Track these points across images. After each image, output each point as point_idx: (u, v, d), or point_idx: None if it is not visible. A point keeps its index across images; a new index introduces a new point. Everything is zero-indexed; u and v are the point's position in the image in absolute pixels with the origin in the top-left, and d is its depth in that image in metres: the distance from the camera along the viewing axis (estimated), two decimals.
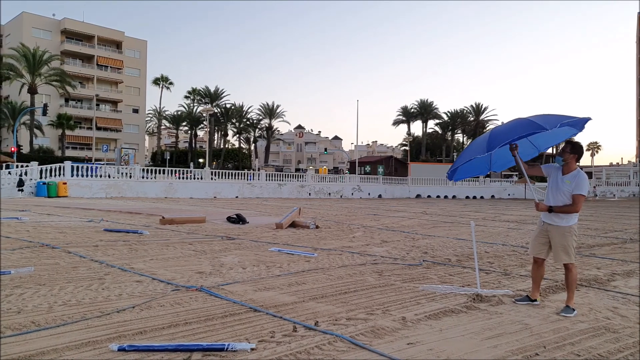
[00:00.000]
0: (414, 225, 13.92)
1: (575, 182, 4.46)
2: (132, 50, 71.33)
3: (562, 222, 4.57)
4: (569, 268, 4.65)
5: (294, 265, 6.72)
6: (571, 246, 4.59)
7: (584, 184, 4.44)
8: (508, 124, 4.74)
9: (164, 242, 8.76)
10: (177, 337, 3.68)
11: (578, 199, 4.42)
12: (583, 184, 4.43)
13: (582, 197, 4.40)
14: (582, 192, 4.42)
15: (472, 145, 5.04)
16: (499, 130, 4.73)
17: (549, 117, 4.39)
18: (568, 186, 4.49)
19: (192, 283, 5.48)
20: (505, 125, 4.78)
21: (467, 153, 4.96)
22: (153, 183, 29.87)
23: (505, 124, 4.90)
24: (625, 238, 11.30)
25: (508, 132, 4.51)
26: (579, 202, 4.43)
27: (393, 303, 4.82)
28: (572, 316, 4.46)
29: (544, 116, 4.46)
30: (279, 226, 11.26)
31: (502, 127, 4.83)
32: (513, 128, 4.53)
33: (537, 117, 4.49)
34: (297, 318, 4.23)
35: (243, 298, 4.86)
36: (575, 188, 4.43)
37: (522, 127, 4.46)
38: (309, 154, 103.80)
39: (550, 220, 4.64)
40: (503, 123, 5.17)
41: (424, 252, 8.43)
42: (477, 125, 79.76)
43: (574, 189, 4.44)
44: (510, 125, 4.64)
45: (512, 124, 4.64)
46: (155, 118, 76.96)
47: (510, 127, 4.59)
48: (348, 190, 40.30)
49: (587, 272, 6.72)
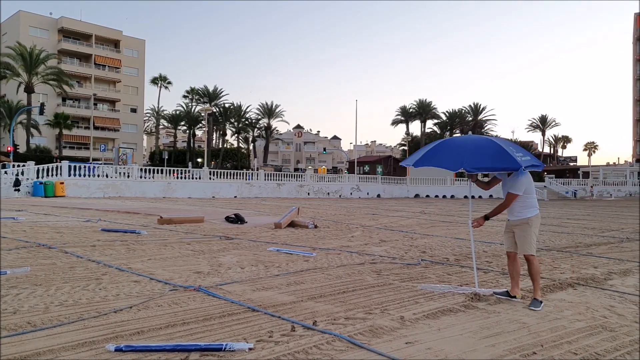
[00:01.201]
0: (413, 224, 13.93)
1: (513, 181, 4.80)
2: (130, 49, 71.23)
3: (521, 216, 4.87)
4: (530, 260, 4.86)
5: (293, 265, 6.72)
6: (531, 238, 4.83)
7: (519, 185, 4.75)
8: (489, 149, 4.83)
9: (162, 242, 8.75)
10: (175, 337, 3.67)
11: (508, 196, 4.80)
12: (518, 184, 4.75)
13: (514, 195, 4.76)
14: (514, 191, 4.77)
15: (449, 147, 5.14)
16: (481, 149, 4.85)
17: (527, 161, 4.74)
18: (509, 186, 4.84)
19: (190, 283, 5.47)
20: (486, 147, 4.87)
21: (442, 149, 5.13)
22: (151, 183, 29.82)
23: (486, 142, 4.97)
24: (622, 237, 11.32)
25: (486, 158, 4.73)
26: (507, 200, 4.81)
27: (391, 302, 4.82)
28: (539, 310, 4.59)
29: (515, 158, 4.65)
30: (278, 226, 11.26)
31: (485, 146, 4.89)
32: (494, 157, 4.71)
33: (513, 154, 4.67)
34: (296, 318, 4.23)
35: (241, 298, 4.86)
36: (511, 187, 4.80)
37: (500, 159, 4.66)
38: (308, 154, 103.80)
39: (510, 216, 4.96)
40: (488, 137, 5.24)
41: (422, 251, 8.44)
42: (475, 125, 79.77)
43: (509, 187, 4.81)
44: (490, 153, 4.77)
45: (494, 152, 4.76)
46: (154, 117, 76.77)
47: (490, 154, 4.75)
48: (347, 189, 40.32)
49: (585, 271, 6.72)
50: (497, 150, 4.74)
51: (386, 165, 70.12)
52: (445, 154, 5.07)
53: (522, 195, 4.82)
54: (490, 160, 4.70)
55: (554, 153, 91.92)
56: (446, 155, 5.03)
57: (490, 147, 4.82)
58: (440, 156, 5.06)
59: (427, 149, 5.25)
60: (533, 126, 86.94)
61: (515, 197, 4.80)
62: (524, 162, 4.63)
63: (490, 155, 4.73)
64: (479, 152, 4.80)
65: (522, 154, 4.84)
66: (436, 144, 5.27)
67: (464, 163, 4.72)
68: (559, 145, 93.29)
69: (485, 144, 4.90)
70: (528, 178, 4.85)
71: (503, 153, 4.68)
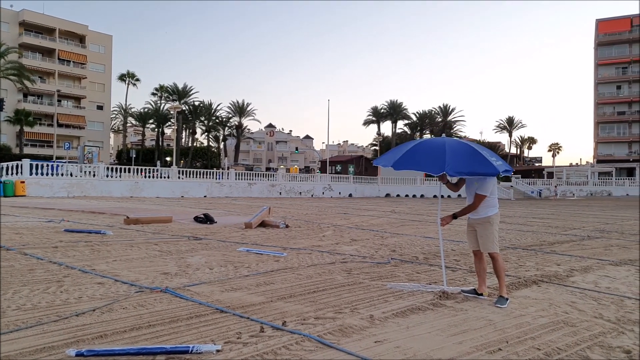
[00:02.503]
0: (383, 223, 14.05)
1: (481, 183, 4.93)
2: (97, 45, 69.28)
3: (483, 214, 5.00)
4: (494, 257, 4.98)
5: (263, 265, 6.66)
6: (493, 235, 4.96)
7: (487, 186, 4.88)
8: (467, 153, 4.88)
9: (128, 242, 8.53)
10: (140, 340, 3.57)
11: (477, 197, 4.94)
12: (486, 186, 4.89)
13: (482, 196, 4.90)
14: (483, 192, 4.91)
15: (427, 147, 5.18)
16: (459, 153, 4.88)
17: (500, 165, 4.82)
18: (475, 187, 4.97)
19: (156, 284, 5.35)
20: (465, 151, 4.91)
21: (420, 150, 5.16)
22: (118, 182, 29.11)
23: (464, 147, 5.02)
24: (583, 235, 11.71)
25: (467, 162, 4.77)
26: (477, 201, 4.94)
27: (361, 301, 4.83)
28: (505, 307, 4.69)
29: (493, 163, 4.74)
30: (248, 226, 11.15)
31: (463, 151, 4.93)
32: (473, 161, 4.76)
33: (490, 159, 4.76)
34: (265, 318, 4.18)
35: (209, 299, 4.78)
36: (479, 189, 4.93)
37: (479, 164, 4.72)
38: (280, 153, 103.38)
39: (473, 214, 5.08)
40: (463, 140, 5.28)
41: (392, 250, 8.51)
42: (445, 126, 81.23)
43: (477, 189, 4.94)
44: (469, 157, 4.82)
45: (473, 156, 4.81)
46: (121, 115, 74.97)
47: (470, 159, 4.80)
48: (319, 189, 40.37)
49: (548, 269, 6.91)
50: (475, 155, 4.80)
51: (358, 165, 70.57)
52: (424, 157, 5.07)
53: (488, 196, 4.96)
54: (470, 165, 4.75)
55: (520, 154, 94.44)
56: (426, 158, 5.03)
57: (468, 152, 4.87)
58: (419, 159, 5.07)
59: (404, 150, 5.21)
60: (500, 127, 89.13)
61: (484, 198, 4.93)
62: (499, 167, 4.72)
63: (469, 159, 4.78)
64: (459, 156, 4.83)
65: (495, 158, 4.91)
66: (413, 145, 5.26)
67: (446, 167, 4.73)
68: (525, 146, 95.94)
69: (463, 148, 4.94)
70: (494, 180, 4.99)
71: (480, 157, 4.74)
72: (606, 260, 7.74)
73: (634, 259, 7.98)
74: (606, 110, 69.31)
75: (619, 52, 68.45)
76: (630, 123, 67.42)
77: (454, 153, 4.86)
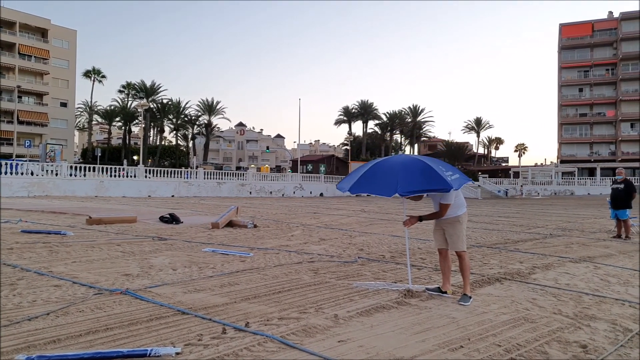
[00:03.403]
0: (352, 223, 14.10)
1: (442, 194, 5.00)
2: (60, 40, 67.05)
3: (452, 214, 5.09)
4: (461, 256, 5.07)
5: (228, 266, 6.56)
6: (461, 234, 5.08)
7: (449, 195, 4.96)
8: (419, 170, 4.95)
9: (90, 243, 8.27)
10: (96, 344, 3.45)
11: (442, 207, 5.05)
12: (447, 194, 4.96)
13: (447, 205, 5.01)
14: (446, 201, 5.02)
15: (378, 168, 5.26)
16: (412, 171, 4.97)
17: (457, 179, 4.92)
18: (439, 198, 5.07)
19: (117, 286, 5.19)
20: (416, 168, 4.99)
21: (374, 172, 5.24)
22: (82, 181, 28.26)
23: (416, 163, 5.08)
24: (546, 234, 12.04)
25: (417, 180, 4.86)
26: (442, 210, 5.05)
27: (327, 301, 4.81)
28: (468, 304, 4.76)
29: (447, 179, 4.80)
30: (215, 226, 10.97)
31: (416, 168, 5.00)
32: (425, 178, 4.83)
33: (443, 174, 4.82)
34: (228, 319, 4.11)
35: (171, 300, 4.66)
36: (442, 198, 5.01)
37: (431, 180, 4.79)
38: (251, 152, 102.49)
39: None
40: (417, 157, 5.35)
41: (360, 249, 8.53)
42: (415, 127, 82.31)
43: (441, 199, 5.02)
44: (420, 174, 4.89)
45: (424, 173, 4.87)
46: (86, 113, 72.84)
47: (421, 176, 4.87)
48: (290, 188, 40.23)
49: (511, 266, 7.06)
50: (427, 171, 4.86)
51: (329, 164, 70.73)
52: (378, 179, 5.14)
53: (452, 202, 5.05)
54: (421, 183, 4.82)
55: (487, 154, 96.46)
56: (379, 181, 5.11)
57: (420, 168, 4.94)
58: (374, 181, 5.15)
59: (361, 173, 5.31)
60: (469, 128, 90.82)
61: (449, 206, 5.03)
62: (454, 182, 4.77)
63: (421, 177, 4.85)
64: (410, 174, 4.92)
65: (451, 172, 5.00)
66: (369, 167, 5.33)
67: (398, 187, 4.84)
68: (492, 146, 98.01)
69: (415, 165, 5.02)
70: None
71: (433, 174, 4.80)
72: (567, 258, 7.97)
73: (593, 256, 8.24)
74: (569, 112, 71.62)
75: (581, 56, 70.86)
76: (591, 125, 69.89)
77: (406, 172, 4.96)
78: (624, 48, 66.36)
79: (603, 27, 69.57)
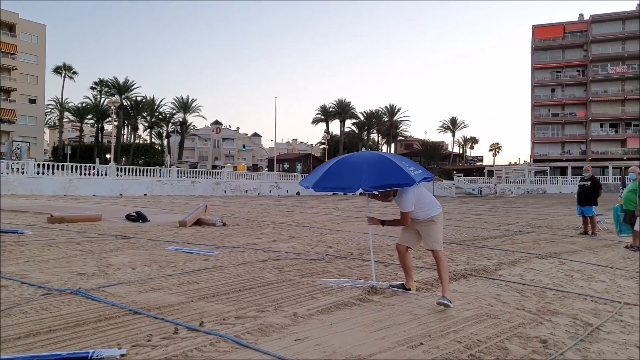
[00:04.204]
0: (325, 220, 14.00)
1: (399, 200, 4.85)
2: (29, 34, 65.03)
3: (425, 215, 4.88)
4: (439, 257, 4.80)
5: (190, 264, 6.36)
6: (438, 234, 4.89)
7: (406, 202, 4.77)
8: (383, 165, 4.88)
9: (47, 242, 7.94)
10: (35, 347, 3.24)
11: (402, 215, 4.87)
12: (404, 202, 4.78)
13: (405, 213, 4.83)
14: (404, 209, 4.82)
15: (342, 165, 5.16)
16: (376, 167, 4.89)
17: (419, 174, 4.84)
18: (400, 205, 4.91)
19: (69, 286, 4.95)
20: (380, 164, 4.92)
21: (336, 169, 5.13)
22: (51, 180, 27.46)
23: (380, 159, 5.02)
24: (515, 230, 12.16)
25: (381, 176, 4.78)
26: (403, 218, 4.88)
27: (287, 299, 4.68)
28: (451, 306, 4.46)
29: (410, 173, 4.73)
30: (183, 224, 10.71)
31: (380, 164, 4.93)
32: (388, 174, 4.75)
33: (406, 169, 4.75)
34: (182, 319, 3.94)
35: (124, 300, 4.46)
36: (400, 206, 4.85)
37: (395, 176, 4.71)
38: (227, 151, 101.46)
39: (415, 216, 4.91)
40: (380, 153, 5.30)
41: (329, 246, 8.43)
42: (391, 126, 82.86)
43: (399, 206, 4.87)
44: (384, 170, 4.82)
45: (388, 168, 4.81)
46: (57, 110, 70.92)
47: (385, 171, 4.79)
48: (266, 187, 39.94)
49: (478, 262, 7.05)
50: (390, 167, 4.78)
51: (306, 162, 70.64)
52: (343, 174, 5.03)
53: (418, 204, 4.82)
54: (385, 178, 4.73)
55: (462, 153, 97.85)
56: (343, 177, 4.99)
57: (384, 164, 4.86)
58: (339, 177, 5.03)
59: (324, 169, 5.19)
60: (444, 127, 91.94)
61: (408, 214, 4.83)
62: (417, 177, 4.67)
63: (385, 173, 4.76)
64: (374, 170, 4.82)
65: (414, 167, 4.91)
66: (333, 163, 5.22)
67: (362, 182, 4.73)
68: (467, 145, 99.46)
69: (379, 161, 4.93)
70: (410, 194, 4.80)
71: (397, 169, 4.72)
72: (533, 254, 8.02)
73: (559, 252, 8.32)
74: (542, 112, 73.16)
75: (553, 57, 72.44)
76: (563, 125, 71.57)
77: (370, 168, 4.86)
78: (594, 50, 68.13)
79: (574, 29, 71.29)
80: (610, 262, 7.46)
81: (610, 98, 67.48)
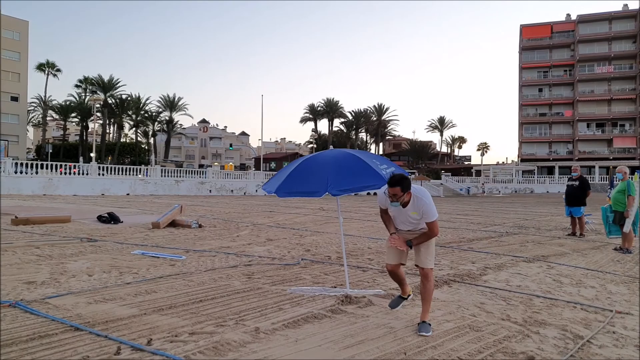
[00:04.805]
0: (307, 221, 13.56)
1: (421, 211, 3.87)
2: (10, 31, 63.58)
3: (419, 227, 4.02)
4: (428, 276, 4.00)
5: (154, 271, 5.89)
6: (432, 248, 4.08)
7: (430, 208, 3.84)
8: (351, 165, 4.53)
9: (4, 246, 7.39)
10: None
11: (433, 225, 3.90)
12: (429, 209, 3.84)
13: (435, 222, 3.90)
14: (433, 218, 3.86)
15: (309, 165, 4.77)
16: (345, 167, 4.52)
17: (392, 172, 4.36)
18: (416, 217, 3.92)
19: (11, 297, 4.48)
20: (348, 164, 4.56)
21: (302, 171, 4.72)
22: (29, 179, 26.65)
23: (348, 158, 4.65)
24: (502, 231, 11.83)
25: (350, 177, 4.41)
26: (434, 228, 3.92)
27: (252, 311, 4.25)
28: (430, 334, 3.75)
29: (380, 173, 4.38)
30: (156, 225, 10.21)
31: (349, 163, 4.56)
32: (358, 174, 4.40)
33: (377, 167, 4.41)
34: (129, 336, 3.50)
35: (68, 314, 4.00)
36: (425, 216, 3.87)
37: (364, 176, 4.37)
38: (214, 150, 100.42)
39: (403, 225, 4.08)
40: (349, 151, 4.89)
41: (306, 249, 8.00)
42: (380, 125, 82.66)
43: (425, 218, 3.88)
44: (353, 170, 4.47)
45: (357, 168, 4.45)
46: (40, 108, 69.56)
47: (353, 172, 4.44)
48: (252, 187, 39.35)
49: (462, 267, 6.68)
50: (360, 166, 4.42)
51: None
52: (307, 176, 4.60)
53: (437, 217, 3.95)
54: (354, 179, 4.35)
55: (450, 152, 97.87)
56: (309, 179, 4.56)
57: (352, 163, 4.47)
58: (303, 180, 4.60)
59: (287, 172, 4.73)
60: (432, 127, 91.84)
61: (437, 222, 3.93)
62: (387, 175, 4.08)
63: (354, 173, 4.38)
64: (343, 171, 4.43)
65: (386, 165, 4.55)
66: (297, 164, 4.79)
67: (329, 185, 4.31)
68: (455, 145, 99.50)
69: (347, 161, 4.54)
70: (428, 195, 3.93)
71: (367, 168, 4.36)
72: (520, 257, 7.68)
73: (547, 255, 7.99)
74: (529, 111, 73.41)
75: (541, 56, 72.71)
76: (550, 124, 71.88)
77: (338, 169, 4.45)
78: (581, 50, 68.52)
79: (561, 29, 71.62)
80: (600, 265, 7.14)
81: (597, 98, 67.90)
